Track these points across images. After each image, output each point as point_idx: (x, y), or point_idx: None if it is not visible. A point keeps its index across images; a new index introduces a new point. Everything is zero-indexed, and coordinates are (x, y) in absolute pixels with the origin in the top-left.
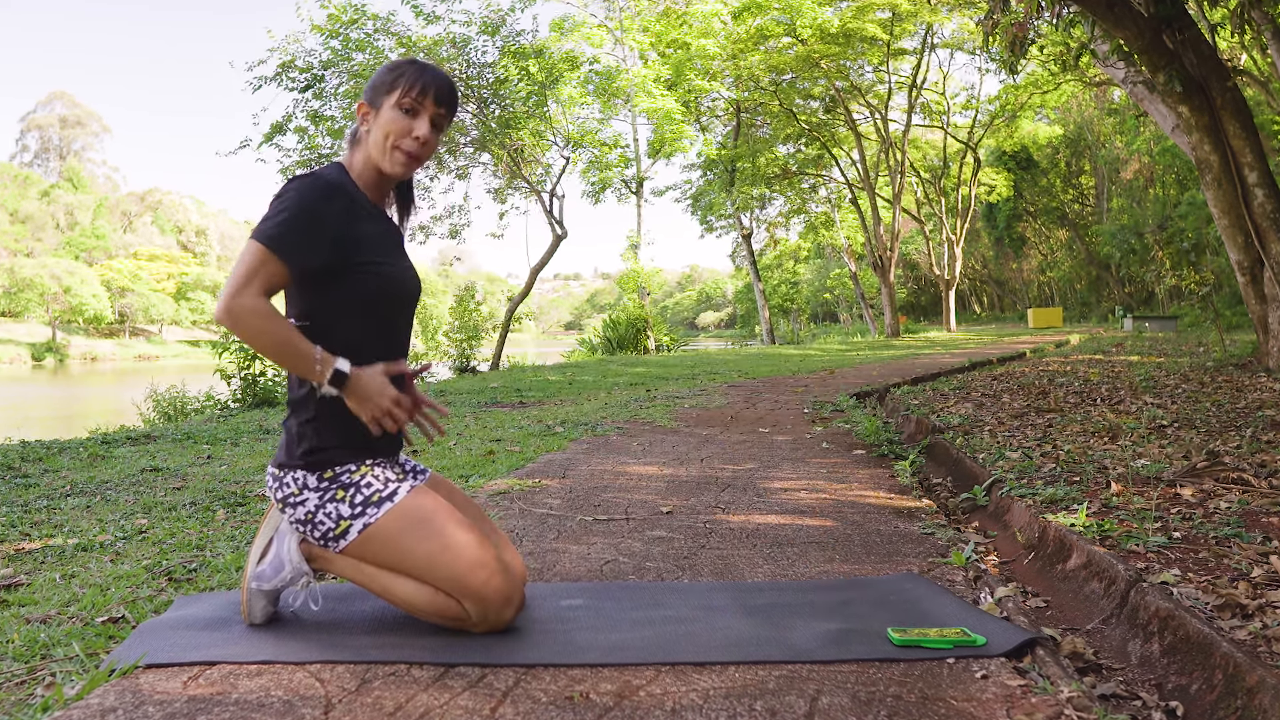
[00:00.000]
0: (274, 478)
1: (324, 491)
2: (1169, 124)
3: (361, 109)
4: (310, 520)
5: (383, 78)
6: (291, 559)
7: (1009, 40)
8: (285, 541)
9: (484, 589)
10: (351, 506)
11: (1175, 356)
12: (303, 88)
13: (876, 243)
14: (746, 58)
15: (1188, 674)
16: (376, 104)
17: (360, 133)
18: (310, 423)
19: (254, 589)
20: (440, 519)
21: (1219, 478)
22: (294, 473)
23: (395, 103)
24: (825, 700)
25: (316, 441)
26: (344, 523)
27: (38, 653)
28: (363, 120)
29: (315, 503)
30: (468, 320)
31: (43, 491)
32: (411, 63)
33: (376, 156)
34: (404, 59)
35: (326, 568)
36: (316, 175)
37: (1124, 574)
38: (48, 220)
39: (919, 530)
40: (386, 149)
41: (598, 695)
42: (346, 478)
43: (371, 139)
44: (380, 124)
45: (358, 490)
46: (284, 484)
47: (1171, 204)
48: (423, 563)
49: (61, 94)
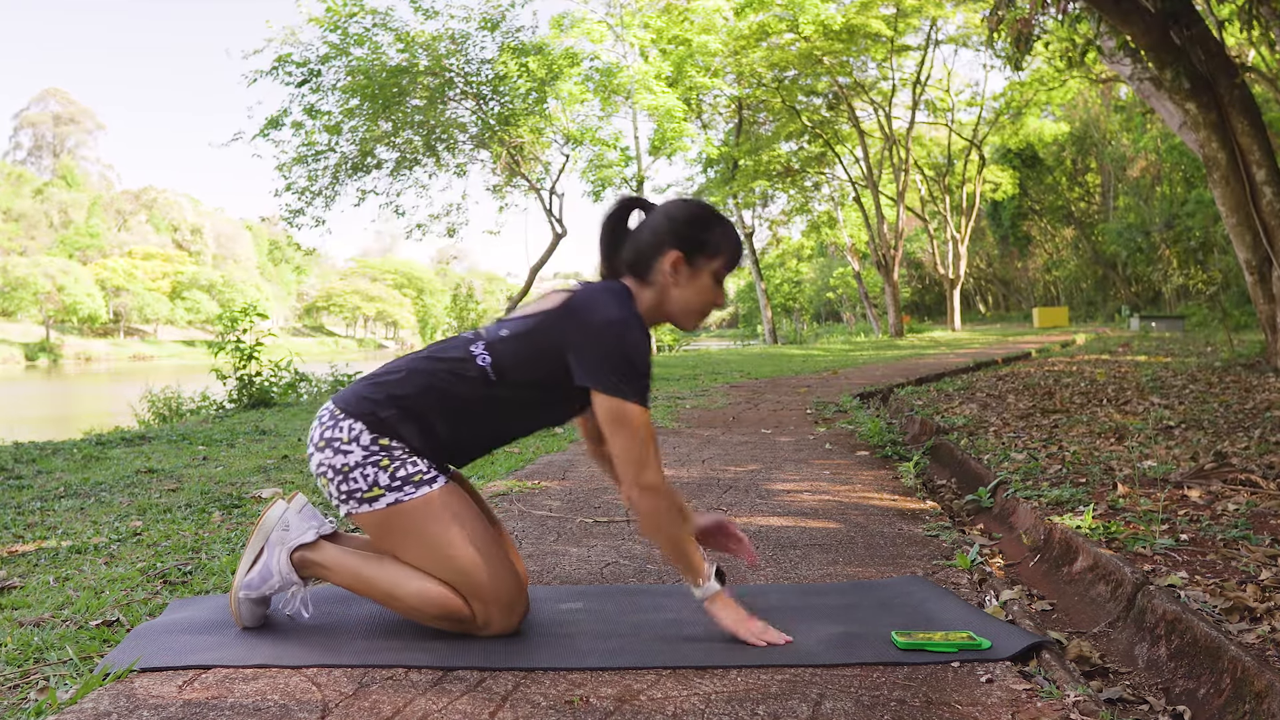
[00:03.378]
0: (330, 416)
1: (371, 454)
2: (1176, 121)
3: (675, 259)
4: (344, 473)
5: (706, 237)
6: (281, 569)
7: (1014, 36)
8: (275, 552)
9: (498, 590)
10: (391, 479)
11: (1182, 356)
12: (299, 82)
13: (880, 241)
14: (748, 54)
15: (1195, 678)
16: (695, 264)
17: (658, 276)
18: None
19: (242, 597)
20: (467, 515)
21: (1227, 479)
22: (352, 421)
23: (714, 271)
24: (828, 705)
25: (395, 421)
26: (377, 490)
27: (31, 656)
28: (674, 269)
29: (358, 459)
30: (465, 319)
31: (36, 493)
32: (729, 225)
33: (677, 312)
34: (719, 215)
35: (324, 576)
36: (644, 329)
37: (1131, 577)
38: (41, 219)
39: (923, 532)
40: (692, 312)
41: (598, 699)
42: (397, 452)
43: (677, 294)
44: (695, 288)
45: (403, 465)
46: (337, 426)
47: (1179, 202)
48: (440, 553)
49: (55, 91)
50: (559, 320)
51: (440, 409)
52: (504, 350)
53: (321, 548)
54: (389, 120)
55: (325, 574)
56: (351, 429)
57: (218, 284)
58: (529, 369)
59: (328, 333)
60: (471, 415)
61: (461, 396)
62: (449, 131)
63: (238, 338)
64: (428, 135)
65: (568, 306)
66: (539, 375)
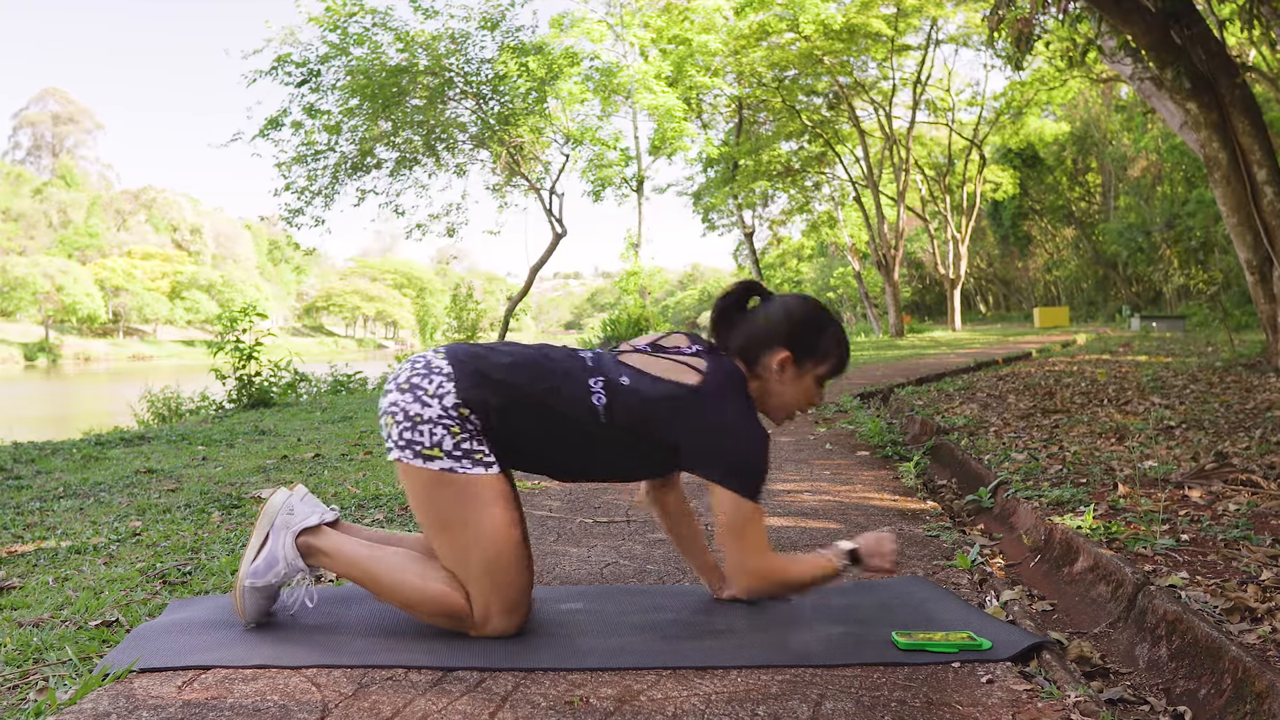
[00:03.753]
0: (425, 365)
1: (448, 416)
2: (1177, 121)
3: (784, 358)
4: (414, 422)
5: (817, 341)
6: (286, 555)
7: (1015, 36)
8: (280, 537)
9: (508, 589)
10: (454, 447)
11: (1183, 356)
12: (299, 82)
13: (880, 241)
14: (748, 54)
15: (1196, 678)
16: (802, 365)
17: (764, 371)
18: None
19: (248, 586)
20: (507, 508)
21: (1227, 479)
22: (444, 380)
23: (820, 375)
24: (829, 705)
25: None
26: (437, 452)
27: (30, 657)
28: (780, 367)
29: (433, 415)
30: (465, 319)
31: (35, 493)
32: (840, 330)
33: (773, 406)
34: (833, 318)
35: (325, 565)
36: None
37: (1131, 577)
38: (40, 218)
39: (924, 533)
40: (787, 409)
41: (598, 700)
42: (471, 426)
43: (778, 390)
44: (800, 388)
45: (470, 440)
46: (429, 378)
47: (1179, 202)
48: (468, 535)
49: (54, 90)
50: (687, 403)
51: (536, 415)
52: (621, 400)
53: (325, 534)
54: (389, 120)
55: (326, 562)
56: (441, 386)
57: (217, 284)
58: (641, 428)
59: (327, 333)
60: (563, 439)
61: (563, 417)
62: (449, 131)
63: (237, 338)
64: (427, 135)
65: (698, 393)
66: (649, 436)
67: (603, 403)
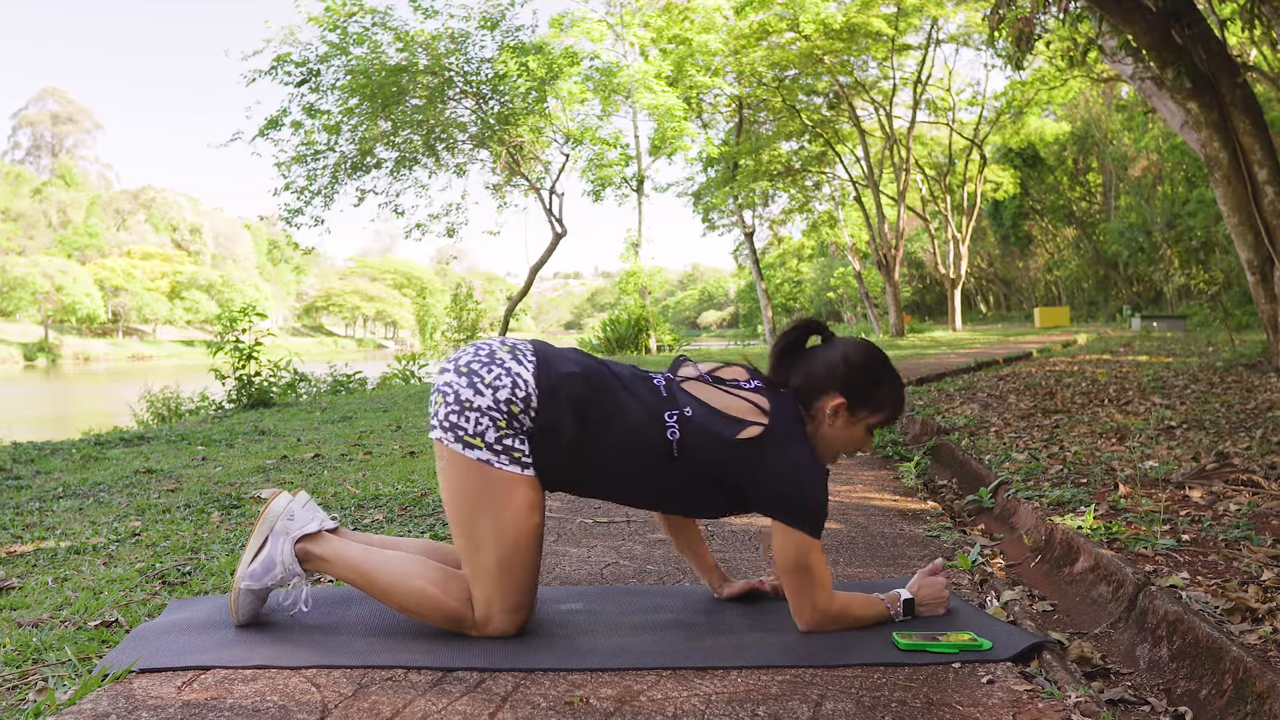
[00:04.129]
0: (489, 354)
1: (498, 410)
2: (1178, 120)
3: (838, 403)
4: (464, 406)
5: (873, 392)
6: (284, 559)
7: (1015, 35)
8: (279, 542)
9: (516, 590)
10: (496, 441)
11: (1184, 356)
12: (299, 82)
13: (881, 241)
14: (749, 53)
15: (1197, 679)
16: (855, 413)
17: (818, 413)
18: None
19: (243, 588)
20: (533, 511)
21: (1228, 479)
22: (503, 374)
23: (871, 423)
24: (829, 706)
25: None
26: (479, 441)
27: (30, 657)
28: (834, 413)
29: (484, 405)
30: (465, 319)
31: (35, 493)
32: (898, 382)
33: (822, 449)
34: (892, 369)
35: (324, 570)
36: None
37: (1132, 577)
38: (40, 218)
39: (924, 533)
40: (835, 452)
41: (598, 700)
42: (519, 426)
43: (829, 434)
44: (848, 434)
45: (513, 438)
46: (490, 368)
47: (1180, 202)
48: (490, 529)
49: (53, 90)
50: (758, 444)
51: (604, 434)
52: (691, 433)
53: (324, 539)
54: (388, 119)
55: (325, 567)
56: (500, 379)
57: (216, 284)
58: (712, 466)
59: (327, 333)
60: (623, 461)
61: (626, 441)
62: (448, 131)
63: (236, 338)
64: (427, 134)
65: (769, 435)
66: (717, 474)
67: (676, 437)
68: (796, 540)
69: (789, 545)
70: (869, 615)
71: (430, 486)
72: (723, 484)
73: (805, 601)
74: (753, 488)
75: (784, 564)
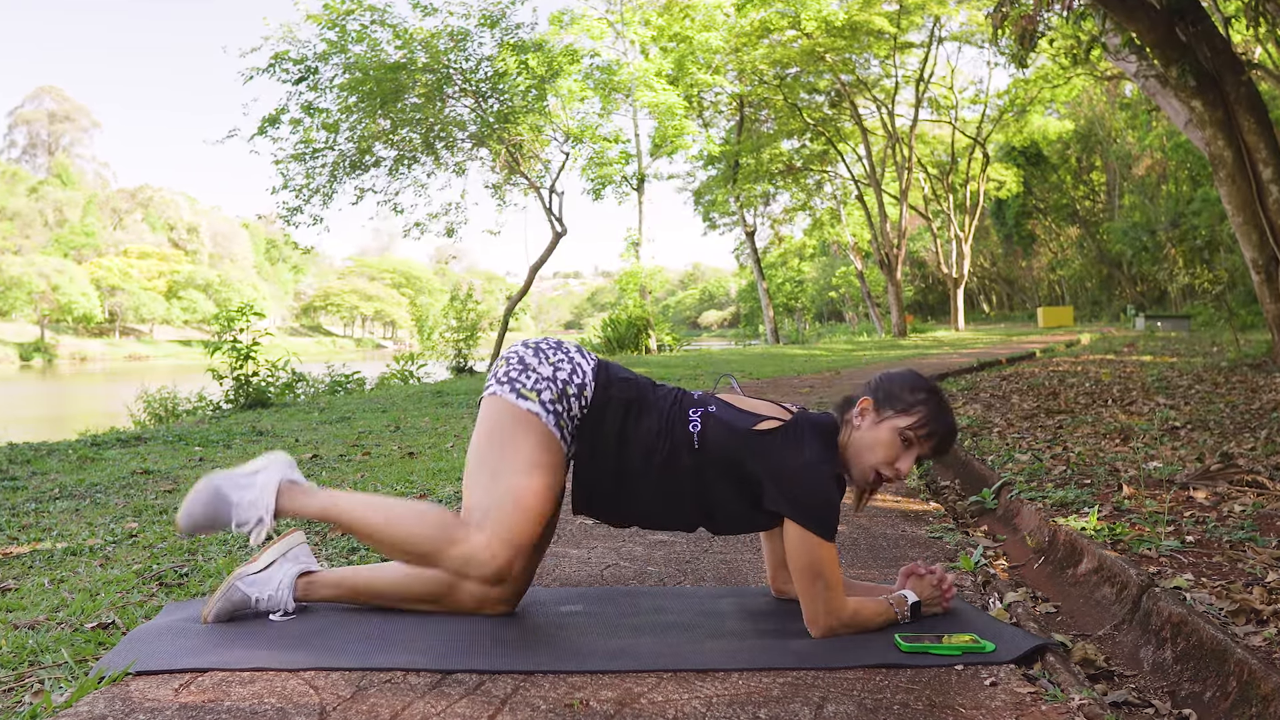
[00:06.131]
0: (557, 343)
1: (555, 384)
2: (1182, 119)
3: (865, 404)
4: (526, 367)
5: (902, 394)
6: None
7: (1018, 33)
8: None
9: (523, 528)
10: (552, 405)
11: (1188, 356)
12: (297, 80)
13: (883, 240)
14: (750, 51)
15: (1201, 681)
16: (881, 412)
17: (854, 419)
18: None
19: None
20: (557, 477)
21: (1233, 480)
22: (564, 360)
23: (901, 429)
24: (831, 708)
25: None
26: (532, 395)
27: (26, 659)
28: (861, 414)
29: (547, 373)
30: (464, 319)
31: (31, 494)
32: (939, 400)
33: (849, 457)
34: (934, 389)
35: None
36: (839, 473)
37: (1136, 579)
38: (36, 217)
39: (926, 534)
40: (862, 463)
41: (598, 702)
42: (567, 407)
43: (862, 443)
44: (878, 438)
45: (564, 416)
46: (556, 351)
47: (1184, 200)
48: (515, 467)
49: (50, 88)
50: (773, 436)
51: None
52: (712, 425)
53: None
54: (387, 118)
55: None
56: (562, 362)
57: (214, 283)
58: (732, 460)
59: (325, 332)
60: (650, 470)
61: (659, 435)
62: (448, 129)
63: (234, 337)
64: (426, 133)
65: (785, 429)
66: (737, 469)
67: (698, 429)
68: (809, 542)
69: (801, 546)
70: (879, 621)
71: (430, 487)
72: (743, 482)
73: (819, 607)
74: (766, 476)
75: (797, 566)
